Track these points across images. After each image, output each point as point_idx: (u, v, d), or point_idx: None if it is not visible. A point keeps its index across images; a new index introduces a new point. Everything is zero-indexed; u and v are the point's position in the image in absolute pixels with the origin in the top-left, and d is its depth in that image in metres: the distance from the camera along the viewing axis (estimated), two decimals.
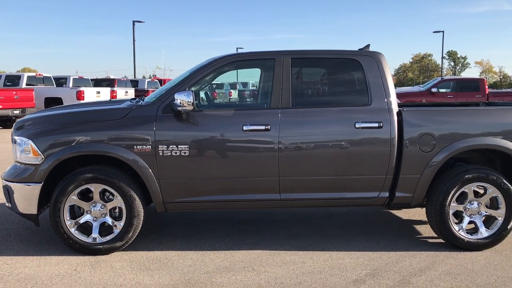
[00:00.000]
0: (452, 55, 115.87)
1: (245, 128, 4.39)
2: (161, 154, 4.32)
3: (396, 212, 5.94)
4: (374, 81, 4.54)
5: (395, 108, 4.52)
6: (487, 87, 18.80)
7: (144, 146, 4.32)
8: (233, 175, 4.44)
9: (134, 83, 28.77)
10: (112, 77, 31.10)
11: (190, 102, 4.20)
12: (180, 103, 4.21)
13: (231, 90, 28.43)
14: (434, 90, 18.75)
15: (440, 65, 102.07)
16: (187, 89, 4.37)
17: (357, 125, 4.42)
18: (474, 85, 18.90)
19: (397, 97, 16.29)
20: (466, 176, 4.51)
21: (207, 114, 4.50)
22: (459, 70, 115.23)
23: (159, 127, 4.34)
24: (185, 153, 4.34)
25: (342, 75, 4.86)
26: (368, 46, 4.86)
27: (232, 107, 5.02)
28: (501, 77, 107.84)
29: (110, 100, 8.47)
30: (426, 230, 5.16)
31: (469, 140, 4.47)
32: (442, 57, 50.17)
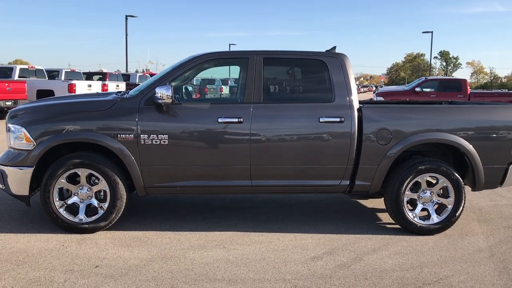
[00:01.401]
0: (444, 55, 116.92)
1: (220, 120, 4.84)
2: (142, 142, 4.76)
3: (362, 202, 6.43)
4: (337, 80, 5.00)
5: (356, 104, 4.99)
6: (469, 87, 19.36)
7: (127, 135, 4.75)
8: (209, 163, 4.89)
9: (126, 77, 29.09)
10: (105, 70, 31.43)
11: (169, 95, 4.64)
12: (160, 96, 4.65)
13: (222, 86, 28.83)
14: (418, 89, 19.25)
15: (431, 65, 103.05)
16: (167, 84, 4.80)
17: (321, 120, 4.88)
18: (457, 85, 19.43)
19: (383, 96, 16.68)
20: (419, 167, 5.00)
21: (185, 107, 4.94)
22: (450, 70, 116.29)
23: (141, 118, 4.78)
24: (164, 142, 4.78)
25: (309, 74, 5.33)
26: (334, 48, 5.31)
27: (209, 101, 5.46)
28: (491, 78, 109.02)
29: (98, 92, 8.87)
30: (386, 217, 5.64)
31: (422, 135, 4.95)
32: (431, 57, 50.79)
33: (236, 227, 5.22)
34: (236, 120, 4.84)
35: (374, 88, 77.29)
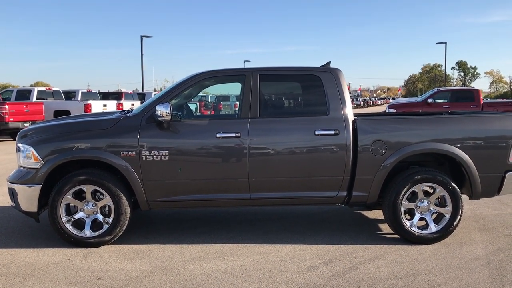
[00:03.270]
0: (462, 66, 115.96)
1: (218, 135, 5.01)
2: (144, 158, 4.95)
3: (364, 212, 6.50)
4: (332, 94, 5.14)
5: (350, 117, 5.11)
6: (481, 97, 19.26)
7: (130, 152, 4.95)
8: (208, 177, 5.05)
9: (141, 96, 29.57)
10: (123, 90, 32.00)
11: (168, 113, 4.84)
12: (160, 114, 4.85)
13: (237, 102, 29.05)
14: (430, 100, 19.23)
15: (449, 75, 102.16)
16: (166, 102, 5.00)
17: (316, 133, 5.02)
18: (469, 95, 19.36)
19: (395, 108, 16.75)
20: (416, 177, 5.08)
21: (185, 124, 5.12)
22: (469, 81, 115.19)
23: (142, 135, 4.98)
24: (165, 157, 4.96)
25: (304, 89, 5.48)
26: (329, 63, 5.47)
27: (208, 118, 5.64)
28: (511, 87, 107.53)
29: (102, 112, 9.17)
30: (385, 227, 5.71)
31: (416, 145, 5.04)
32: (445, 68, 50.42)
33: (237, 239, 5.35)
34: (233, 135, 5.00)
35: (391, 101, 76.96)
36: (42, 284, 4.07)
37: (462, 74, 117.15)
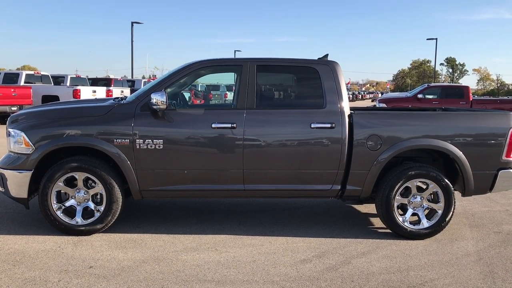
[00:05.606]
0: (450, 62, 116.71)
1: (213, 125, 4.95)
2: (138, 147, 4.89)
3: (356, 207, 6.52)
4: (329, 87, 5.11)
5: (347, 111, 5.09)
6: (471, 94, 19.39)
7: (123, 140, 4.88)
8: (202, 167, 5.00)
9: (131, 83, 29.32)
10: (111, 76, 31.71)
11: (163, 101, 4.77)
12: (155, 102, 4.78)
13: (227, 92, 28.90)
14: (420, 96, 19.30)
15: (438, 72, 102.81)
16: (162, 90, 4.94)
17: (312, 125, 4.99)
18: (459, 92, 19.47)
19: (385, 102, 16.79)
20: (409, 172, 5.09)
21: (180, 113, 5.06)
22: (457, 77, 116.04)
23: (136, 123, 4.91)
24: (159, 146, 4.90)
25: (301, 81, 5.44)
26: (326, 55, 5.43)
27: (203, 107, 5.58)
28: (498, 84, 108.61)
29: (96, 98, 9.05)
30: (378, 222, 5.72)
31: (411, 141, 5.04)
32: (435, 64, 50.83)
33: (230, 230, 5.33)
34: (229, 125, 4.95)
35: (379, 95, 77.25)
36: (32, 272, 4.01)
37: (450, 70, 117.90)
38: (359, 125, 5.05)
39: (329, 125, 5.00)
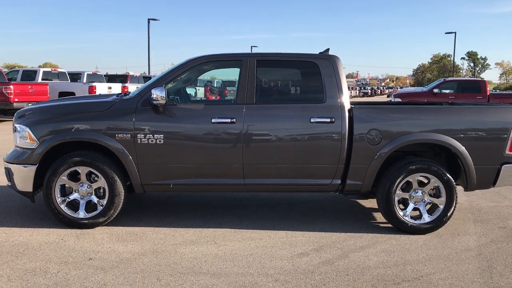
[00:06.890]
0: (472, 56, 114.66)
1: (213, 120, 5.00)
2: (139, 142, 4.96)
3: (359, 201, 6.50)
4: (329, 81, 5.11)
5: (347, 105, 5.08)
6: (488, 88, 19.07)
7: (125, 135, 4.96)
8: (202, 162, 5.06)
9: (147, 79, 29.55)
10: (131, 73, 32.06)
11: (163, 96, 4.83)
12: (155, 97, 4.84)
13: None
14: (436, 90, 19.07)
15: (459, 66, 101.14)
16: (162, 86, 5.00)
17: (312, 120, 5.00)
18: (476, 86, 19.18)
19: (400, 97, 16.64)
20: (410, 167, 5.06)
21: (180, 108, 5.11)
22: (478, 71, 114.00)
23: (138, 118, 4.98)
24: (160, 141, 4.97)
25: (301, 76, 5.44)
26: (327, 50, 5.42)
27: (203, 102, 5.63)
28: None
29: (99, 94, 9.18)
30: (380, 216, 5.70)
31: (412, 135, 5.01)
32: (454, 58, 49.88)
33: (231, 224, 5.37)
34: (229, 120, 4.99)
35: (398, 89, 76.46)
36: (33, 263, 4.12)
37: (472, 64, 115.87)
38: (359, 119, 5.03)
39: (329, 120, 5.00)
